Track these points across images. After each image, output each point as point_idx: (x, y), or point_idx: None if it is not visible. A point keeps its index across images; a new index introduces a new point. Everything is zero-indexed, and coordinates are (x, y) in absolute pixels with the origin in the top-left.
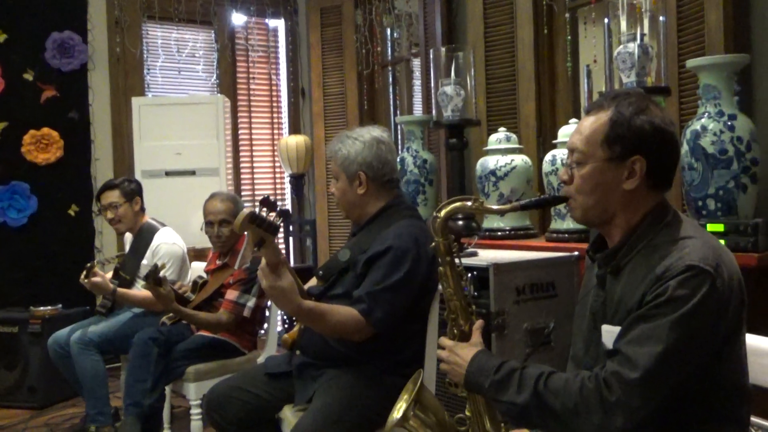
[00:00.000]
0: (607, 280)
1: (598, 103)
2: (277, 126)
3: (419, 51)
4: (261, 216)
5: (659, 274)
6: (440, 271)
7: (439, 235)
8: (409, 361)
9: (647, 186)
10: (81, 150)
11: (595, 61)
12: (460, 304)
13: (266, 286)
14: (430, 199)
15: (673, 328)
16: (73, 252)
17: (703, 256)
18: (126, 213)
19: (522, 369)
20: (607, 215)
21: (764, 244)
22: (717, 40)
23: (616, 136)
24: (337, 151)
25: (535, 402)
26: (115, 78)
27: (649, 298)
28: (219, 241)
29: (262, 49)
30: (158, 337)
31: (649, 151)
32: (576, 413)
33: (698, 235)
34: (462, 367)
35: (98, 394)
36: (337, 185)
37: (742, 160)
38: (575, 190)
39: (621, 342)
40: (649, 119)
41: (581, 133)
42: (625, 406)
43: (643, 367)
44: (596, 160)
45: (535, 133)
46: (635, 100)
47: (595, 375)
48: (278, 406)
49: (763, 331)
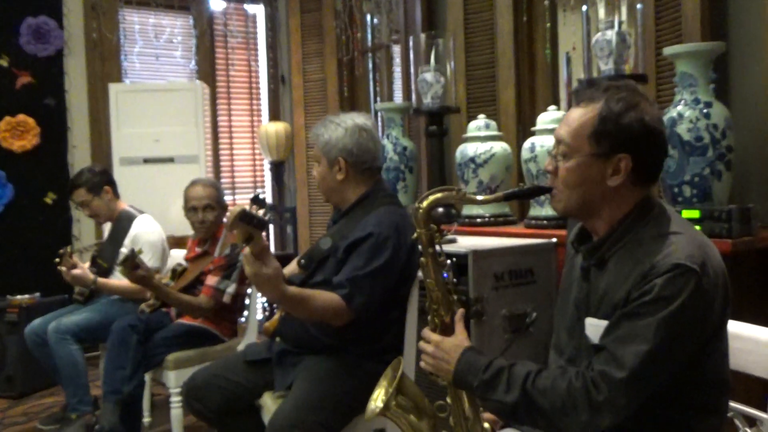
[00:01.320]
0: (592, 273)
1: (588, 95)
2: (257, 113)
3: (399, 38)
4: (251, 213)
5: (645, 272)
6: (422, 261)
7: (421, 226)
8: (389, 347)
9: (632, 182)
10: (58, 137)
11: (574, 49)
12: (442, 294)
13: (251, 273)
14: (410, 186)
15: (660, 327)
16: (50, 240)
17: (690, 253)
18: (99, 206)
19: (510, 368)
20: (589, 209)
21: (738, 230)
22: (694, 28)
23: (603, 132)
24: (320, 135)
25: (523, 401)
26: (91, 64)
27: (635, 296)
28: (203, 226)
29: (241, 35)
30: (137, 324)
31: (635, 149)
32: (564, 412)
33: (684, 230)
34: (450, 364)
35: (78, 383)
36: (318, 169)
37: (718, 147)
38: (560, 183)
39: (607, 339)
40: (639, 117)
41: (569, 125)
42: (612, 405)
43: (630, 366)
44: (582, 155)
45: (514, 120)
46: (626, 95)
47: (582, 374)
48: (258, 393)
49: (738, 316)
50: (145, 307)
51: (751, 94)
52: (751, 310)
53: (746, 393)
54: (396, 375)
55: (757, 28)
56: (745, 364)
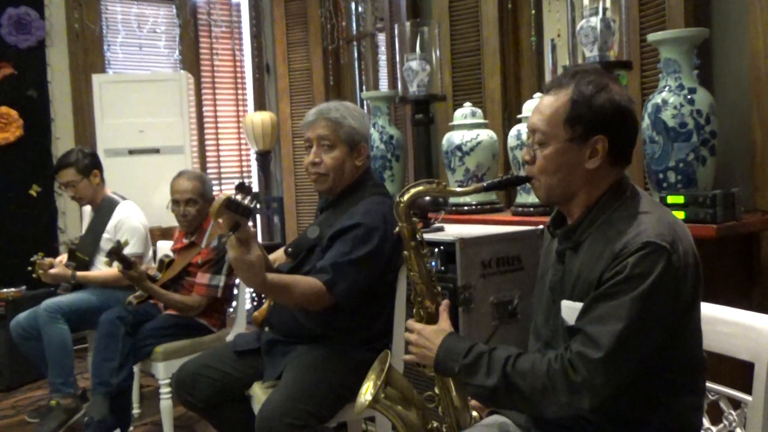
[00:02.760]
0: (567, 256)
1: (557, 82)
2: (242, 103)
3: (384, 26)
4: (236, 201)
5: (617, 252)
6: (405, 255)
7: (402, 220)
8: (377, 336)
9: (609, 163)
10: (41, 129)
11: (559, 36)
12: (426, 287)
13: (233, 258)
14: (396, 175)
15: (633, 305)
16: (35, 232)
17: (659, 232)
18: (86, 188)
19: (491, 352)
20: (570, 194)
21: (722, 215)
22: (677, 14)
23: (577, 116)
24: (342, 119)
25: (503, 384)
26: (74, 55)
27: (608, 276)
28: (185, 220)
29: (225, 25)
30: (125, 316)
31: (610, 129)
32: (544, 394)
33: (654, 210)
34: (432, 351)
35: (64, 363)
36: (333, 154)
37: (702, 133)
38: (538, 171)
39: (583, 320)
40: (610, 97)
41: (542, 113)
42: (590, 386)
43: (606, 346)
44: (558, 141)
45: (500, 107)
46: (594, 78)
47: (560, 356)
48: (248, 383)
49: (721, 300)
50: (132, 299)
51: (733, 80)
52: (736, 294)
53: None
54: (384, 368)
55: (739, 14)
56: (730, 348)
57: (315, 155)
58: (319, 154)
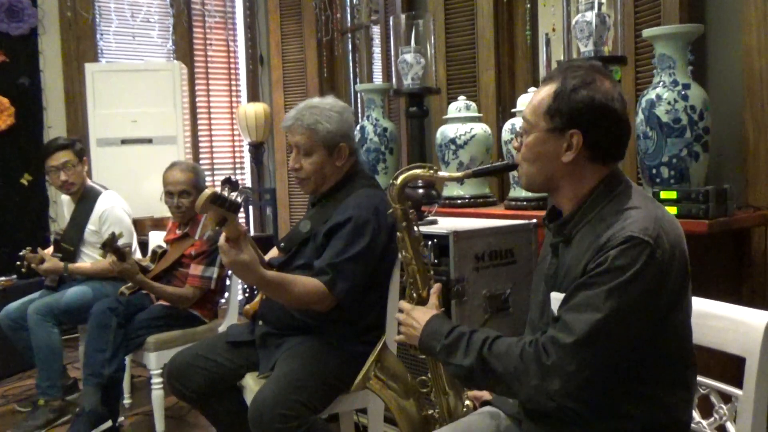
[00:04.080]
0: (560, 249)
1: (550, 74)
2: (236, 93)
3: (379, 18)
4: (222, 196)
5: (601, 244)
6: (398, 236)
7: (396, 202)
8: (370, 328)
9: (588, 159)
10: (33, 117)
11: (554, 30)
12: (418, 268)
13: (227, 262)
14: (390, 168)
15: (610, 296)
16: (26, 222)
17: (644, 227)
18: (79, 173)
19: (471, 333)
20: (551, 184)
21: (715, 211)
22: (672, 10)
23: (556, 108)
24: (315, 124)
25: (479, 365)
26: (66, 43)
27: (590, 267)
28: (179, 212)
29: (219, 15)
30: (117, 306)
31: (586, 125)
32: (516, 376)
33: (643, 205)
34: (417, 330)
35: (52, 367)
36: (312, 159)
37: (695, 129)
38: (521, 158)
39: (562, 309)
40: (590, 95)
41: (531, 103)
42: (560, 370)
43: (578, 332)
44: (539, 130)
45: (494, 101)
46: (582, 73)
47: (535, 340)
48: (240, 374)
49: (712, 295)
50: (125, 290)
51: (727, 76)
52: (727, 289)
53: (722, 370)
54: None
55: (734, 10)
56: (721, 342)
57: (294, 161)
58: (298, 159)
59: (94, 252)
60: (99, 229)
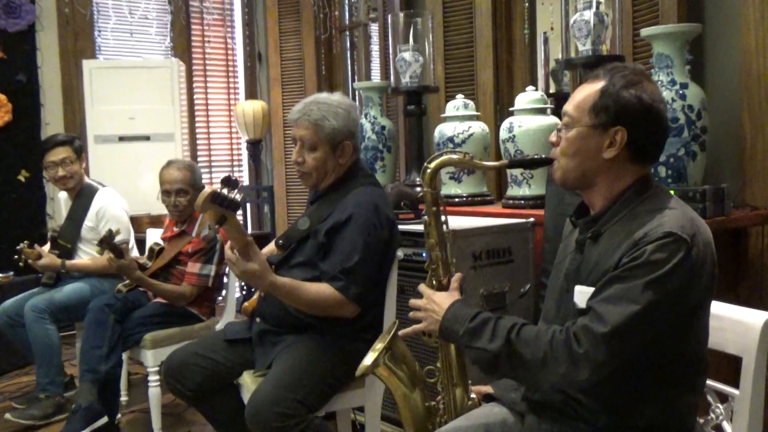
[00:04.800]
0: (586, 245)
1: (595, 74)
2: (234, 91)
3: (377, 16)
4: (222, 195)
5: (637, 239)
6: (425, 221)
7: (427, 185)
8: (368, 326)
9: (627, 157)
10: (30, 114)
11: (552, 29)
12: (442, 255)
13: (238, 273)
14: (388, 166)
15: (647, 289)
16: (24, 218)
17: (682, 225)
18: (78, 170)
19: (497, 319)
20: (586, 180)
21: (712, 210)
22: (670, 9)
23: (603, 104)
24: (321, 120)
25: (506, 350)
26: (64, 40)
27: (625, 260)
28: (176, 210)
29: (218, 12)
30: (114, 303)
31: (631, 123)
32: (544, 363)
33: (678, 206)
34: (438, 315)
35: (50, 364)
36: (315, 155)
37: (693, 128)
38: (560, 152)
39: (594, 300)
40: (638, 94)
41: (574, 99)
42: (591, 359)
43: (612, 323)
44: (582, 125)
45: (492, 100)
46: (629, 73)
47: (566, 328)
48: (237, 371)
49: None
50: (122, 287)
51: (725, 76)
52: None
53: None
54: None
55: (732, 10)
56: (718, 342)
57: (298, 154)
58: (302, 153)
59: (92, 249)
60: (96, 226)
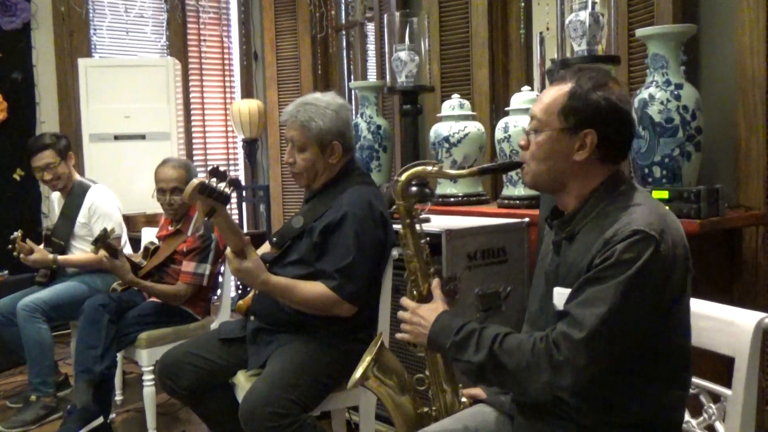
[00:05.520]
0: (562, 246)
1: (561, 75)
2: (230, 90)
3: (373, 15)
4: (210, 186)
5: (607, 239)
6: (401, 233)
7: (400, 198)
8: (362, 326)
9: (597, 158)
10: (26, 112)
11: (548, 29)
12: (420, 265)
13: (233, 269)
14: (384, 165)
15: (618, 289)
16: (18, 217)
17: (650, 221)
18: (64, 171)
19: (481, 330)
20: (557, 183)
21: (706, 210)
22: (666, 9)
23: (572, 107)
24: (308, 121)
25: (490, 361)
26: (59, 38)
27: (597, 261)
28: (171, 209)
29: (213, 11)
30: (109, 303)
31: (601, 125)
32: (528, 372)
33: (646, 202)
34: (425, 328)
35: (42, 363)
36: (304, 156)
37: (688, 129)
38: (530, 156)
39: (571, 304)
40: (606, 95)
41: (542, 102)
42: (572, 365)
43: (589, 327)
44: (551, 129)
45: (488, 100)
46: (596, 75)
47: (546, 336)
48: (232, 371)
49: (703, 295)
50: (117, 286)
51: (720, 76)
52: (718, 289)
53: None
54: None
55: (727, 10)
56: (711, 342)
57: (289, 155)
58: (292, 154)
59: (85, 245)
60: (88, 222)
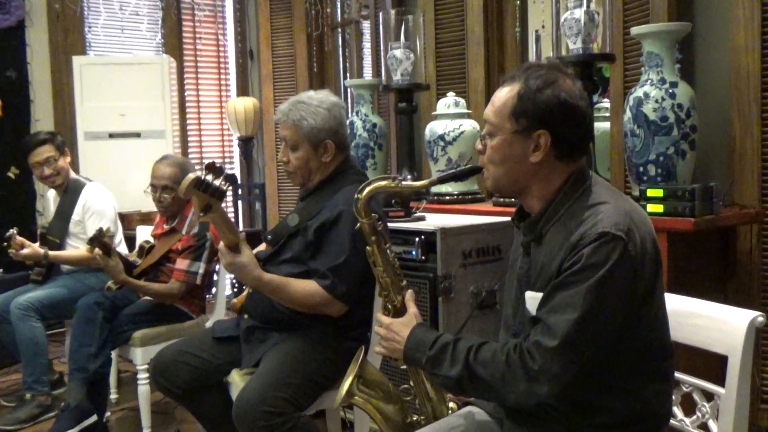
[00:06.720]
0: (531, 248)
1: (511, 75)
2: (225, 88)
3: (369, 13)
4: (206, 181)
5: (575, 242)
6: (368, 250)
7: (362, 216)
8: (356, 324)
9: (555, 157)
10: (20, 110)
11: (543, 27)
12: (391, 280)
13: (226, 264)
14: (379, 164)
15: (588, 294)
16: (13, 215)
17: (615, 221)
18: (63, 166)
19: (455, 342)
20: (518, 185)
21: (701, 208)
22: (661, 8)
23: (521, 109)
24: (300, 120)
25: (466, 374)
26: (54, 36)
27: (566, 266)
28: (161, 206)
29: (209, 9)
30: (103, 301)
31: (553, 125)
32: (504, 382)
33: (612, 199)
34: (401, 344)
35: (36, 362)
36: (297, 154)
37: (682, 127)
38: (487, 161)
39: (542, 310)
40: (555, 94)
41: (494, 104)
42: (547, 373)
43: (561, 334)
44: (504, 132)
45: (483, 98)
46: (544, 72)
47: (519, 345)
48: (226, 370)
49: (698, 292)
50: (111, 284)
51: (714, 75)
52: (711, 287)
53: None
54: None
55: (722, 9)
56: (704, 341)
57: (283, 154)
58: (286, 153)
59: (79, 243)
60: (82, 219)
